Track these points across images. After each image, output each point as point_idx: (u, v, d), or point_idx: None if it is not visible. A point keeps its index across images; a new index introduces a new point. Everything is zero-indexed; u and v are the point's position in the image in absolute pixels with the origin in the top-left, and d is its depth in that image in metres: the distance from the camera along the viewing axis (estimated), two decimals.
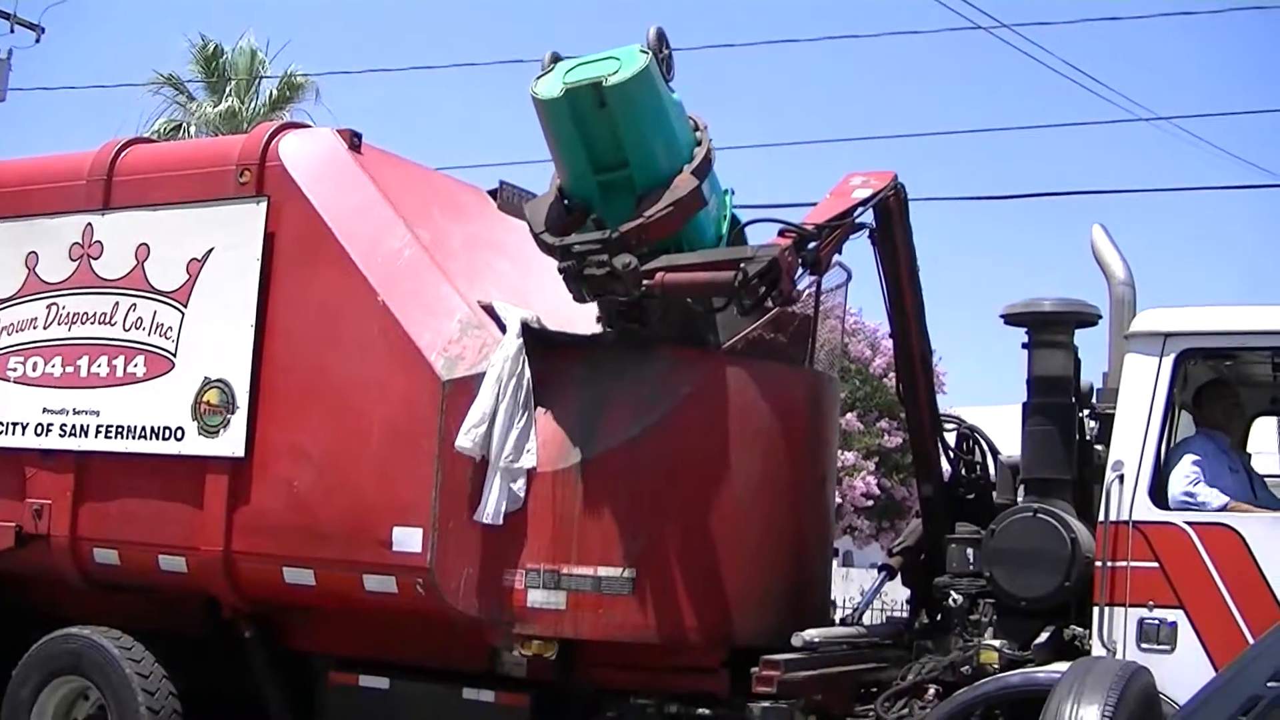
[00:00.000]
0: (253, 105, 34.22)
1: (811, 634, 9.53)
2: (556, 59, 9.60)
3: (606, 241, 9.31)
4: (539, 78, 9.53)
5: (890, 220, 9.88)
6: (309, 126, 12.12)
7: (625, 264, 9.23)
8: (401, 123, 75.57)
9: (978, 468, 10.56)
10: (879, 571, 11.05)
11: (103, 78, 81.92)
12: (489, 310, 10.21)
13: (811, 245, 9.28)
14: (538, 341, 10.02)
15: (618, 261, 9.24)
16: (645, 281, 9.26)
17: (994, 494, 10.31)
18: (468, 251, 10.89)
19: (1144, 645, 8.56)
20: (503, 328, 10.03)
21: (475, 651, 10.14)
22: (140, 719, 10.78)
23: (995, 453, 10.51)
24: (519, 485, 9.66)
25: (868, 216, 9.82)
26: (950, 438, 10.74)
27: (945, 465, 10.61)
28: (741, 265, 9.02)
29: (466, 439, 9.60)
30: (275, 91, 34.65)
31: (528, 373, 9.75)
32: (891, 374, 23.42)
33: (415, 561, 9.67)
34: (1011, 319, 9.72)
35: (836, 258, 10.01)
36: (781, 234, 9.21)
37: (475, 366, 9.83)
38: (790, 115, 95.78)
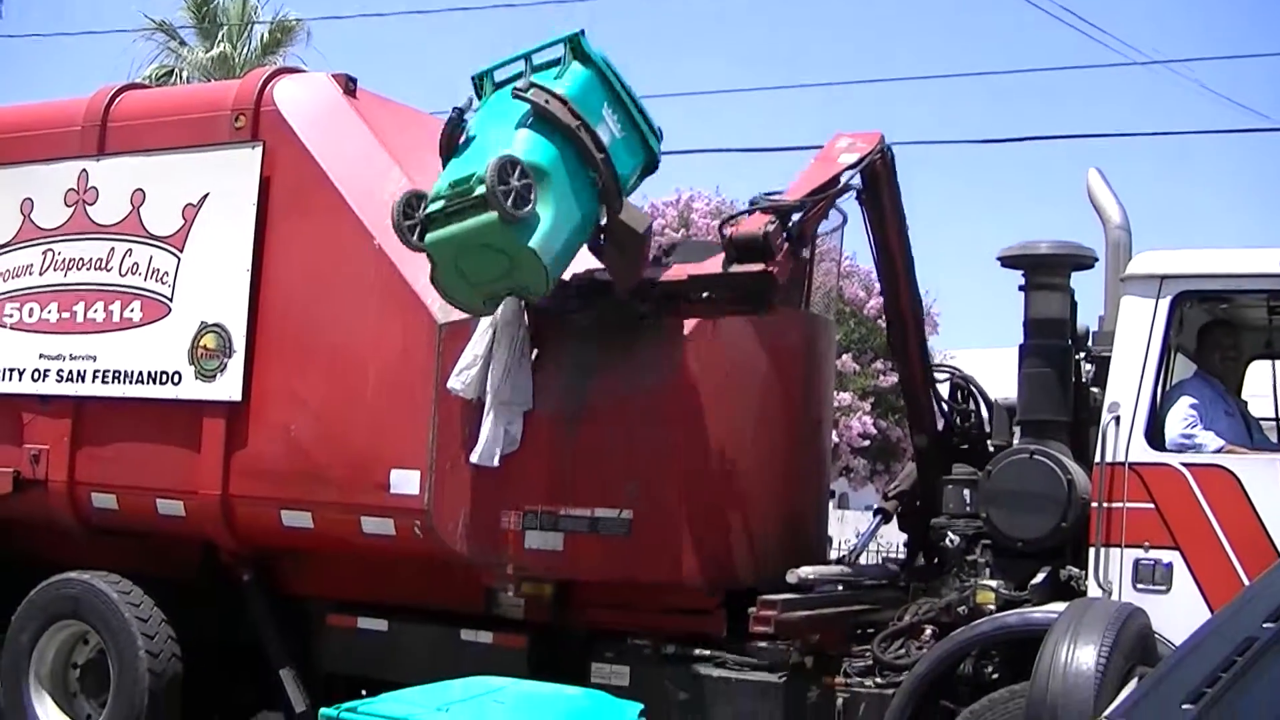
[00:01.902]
0: (245, 50, 34.11)
1: (806, 571, 9.55)
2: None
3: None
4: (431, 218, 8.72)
5: (878, 183, 9.81)
6: (303, 71, 12.10)
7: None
8: (396, 66, 75.43)
9: (972, 416, 10.55)
10: (874, 515, 11.06)
11: (94, 24, 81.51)
12: None
13: (796, 217, 9.20)
14: None
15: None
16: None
17: (988, 442, 10.31)
18: None
19: (1140, 586, 8.56)
20: None
21: (472, 593, 10.19)
22: (140, 663, 10.83)
23: (989, 401, 10.49)
24: (516, 428, 9.67)
25: (856, 179, 9.77)
26: (944, 388, 10.72)
27: (939, 415, 10.60)
28: (727, 247, 9.04)
29: (457, 380, 9.61)
30: (267, 36, 34.54)
31: (526, 316, 9.75)
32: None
33: (413, 504, 9.72)
34: (1008, 261, 9.69)
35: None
36: (763, 210, 9.15)
37: None
38: (784, 59, 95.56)
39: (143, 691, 10.82)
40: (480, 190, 8.11)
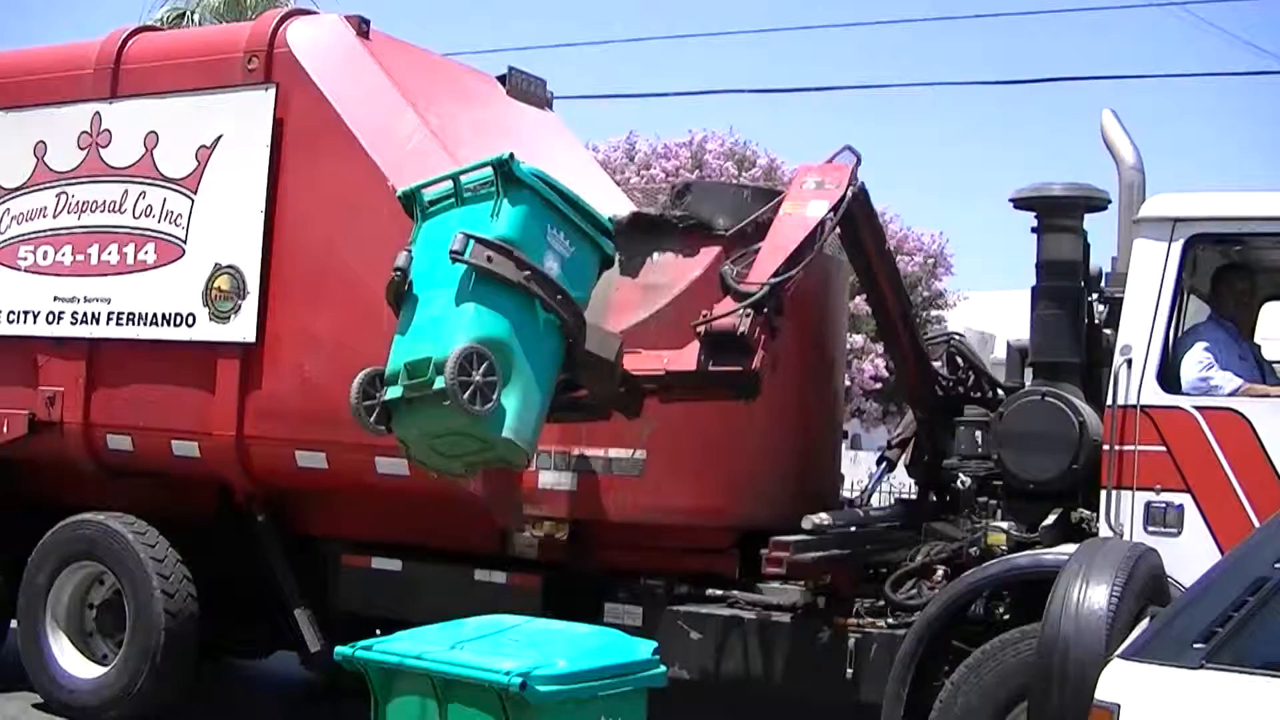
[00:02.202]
0: None
1: (820, 517, 9.58)
2: None
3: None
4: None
5: (855, 223, 9.72)
6: (316, 13, 12.10)
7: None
8: (409, 9, 75.13)
9: (968, 382, 10.47)
10: (878, 464, 11.07)
11: None
12: None
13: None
14: None
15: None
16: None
17: (997, 391, 10.30)
18: (476, 137, 10.86)
19: (1151, 528, 8.57)
20: None
21: (487, 533, 10.23)
22: (155, 602, 10.90)
23: (982, 369, 10.39)
24: None
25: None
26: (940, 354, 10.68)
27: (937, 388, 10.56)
28: (702, 340, 8.92)
29: None
30: None
31: None
32: (900, 257, 23.47)
33: None
34: (1021, 203, 9.67)
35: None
36: (735, 296, 8.96)
37: None
38: None
39: (158, 631, 10.89)
40: (440, 384, 7.60)
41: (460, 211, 8.24)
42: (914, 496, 10.83)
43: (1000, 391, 10.14)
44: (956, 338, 10.52)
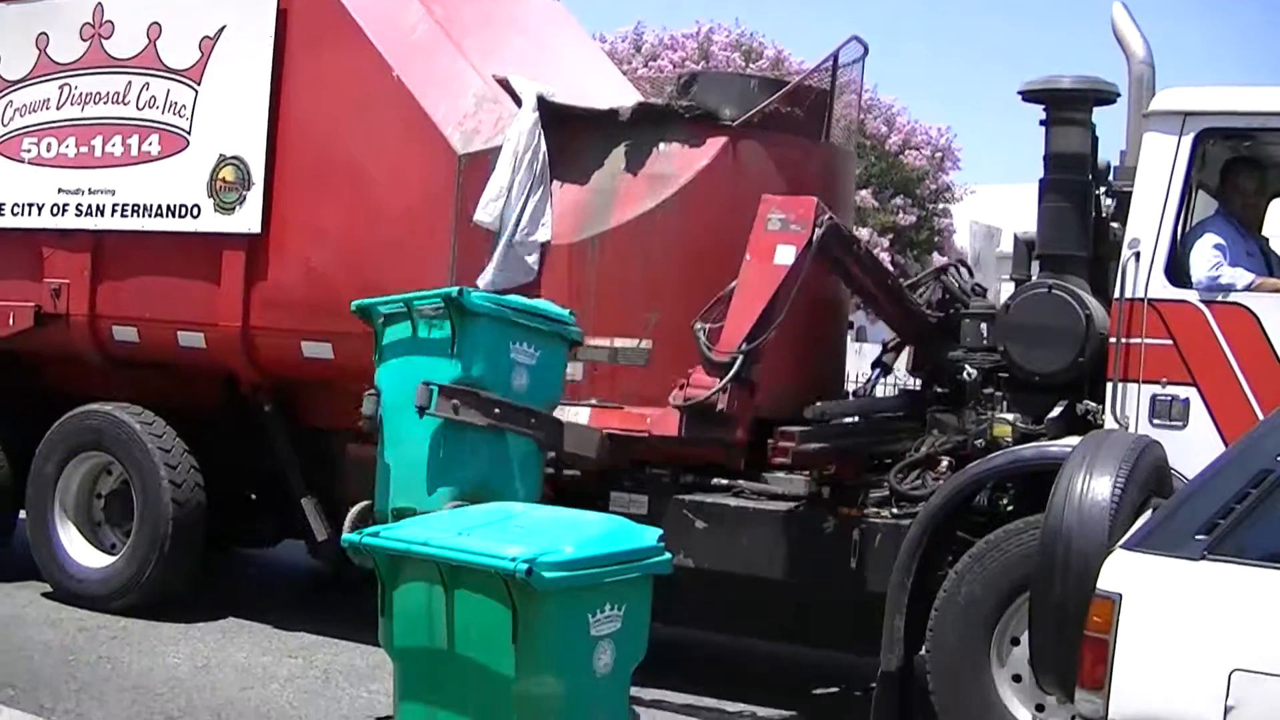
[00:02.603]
0: None
1: (823, 406, 9.60)
2: None
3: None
4: None
5: (833, 255, 9.47)
6: None
7: None
8: None
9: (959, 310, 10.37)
10: (873, 368, 11.02)
11: None
12: (504, 84, 10.20)
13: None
14: (553, 115, 10.02)
15: None
16: None
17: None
18: (482, 27, 10.82)
19: (1156, 421, 8.58)
20: (518, 102, 10.03)
21: None
22: (163, 492, 10.95)
23: (966, 304, 10.21)
24: (533, 259, 9.72)
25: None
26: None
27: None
28: (680, 409, 8.94)
29: (485, 213, 9.65)
30: None
31: (543, 146, 9.76)
32: (908, 151, 23.34)
33: None
34: (1030, 95, 9.61)
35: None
36: (708, 367, 8.93)
37: (491, 140, 9.85)
38: None
39: (166, 521, 10.95)
40: None
41: (419, 341, 8.51)
42: (917, 388, 10.80)
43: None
44: (949, 271, 10.33)
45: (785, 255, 9.02)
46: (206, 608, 11.28)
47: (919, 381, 10.79)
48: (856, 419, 10.11)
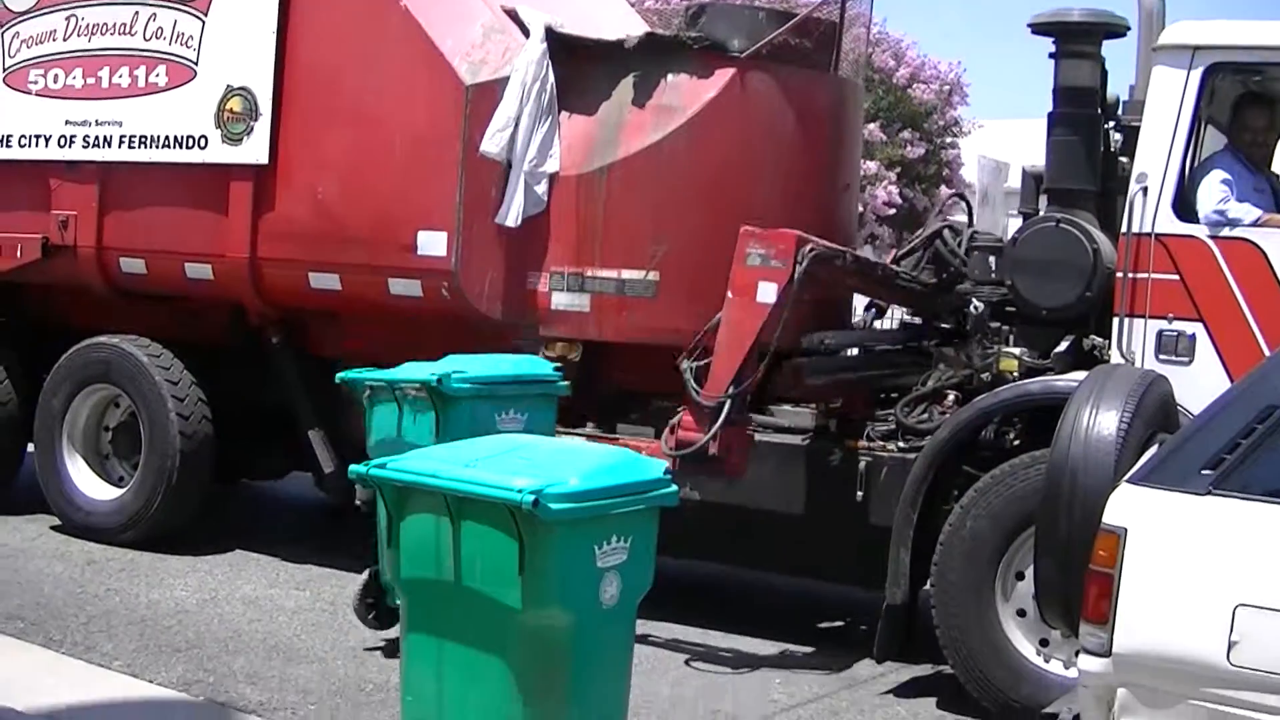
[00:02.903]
0: None
1: (826, 335, 9.58)
2: None
3: None
4: None
5: (820, 279, 9.23)
6: None
7: None
8: None
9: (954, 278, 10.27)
10: (865, 309, 10.95)
11: None
12: (512, 15, 10.18)
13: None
14: (561, 46, 10.01)
15: None
16: None
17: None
18: None
19: (1162, 356, 8.59)
20: (526, 32, 10.02)
21: None
22: (170, 425, 10.98)
23: (961, 269, 10.11)
24: (542, 189, 9.73)
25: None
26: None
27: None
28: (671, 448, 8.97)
29: (491, 144, 9.65)
30: None
31: (551, 77, 9.74)
32: (916, 85, 23.21)
33: (440, 265, 9.81)
34: (1039, 28, 9.57)
35: None
36: (695, 410, 8.95)
37: (499, 71, 9.84)
38: None
39: (174, 453, 10.98)
40: None
41: (404, 426, 8.50)
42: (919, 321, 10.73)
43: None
44: (942, 235, 10.05)
45: (767, 293, 8.87)
46: (214, 540, 11.32)
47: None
48: (860, 350, 10.08)
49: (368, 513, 8.55)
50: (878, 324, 10.88)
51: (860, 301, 11.10)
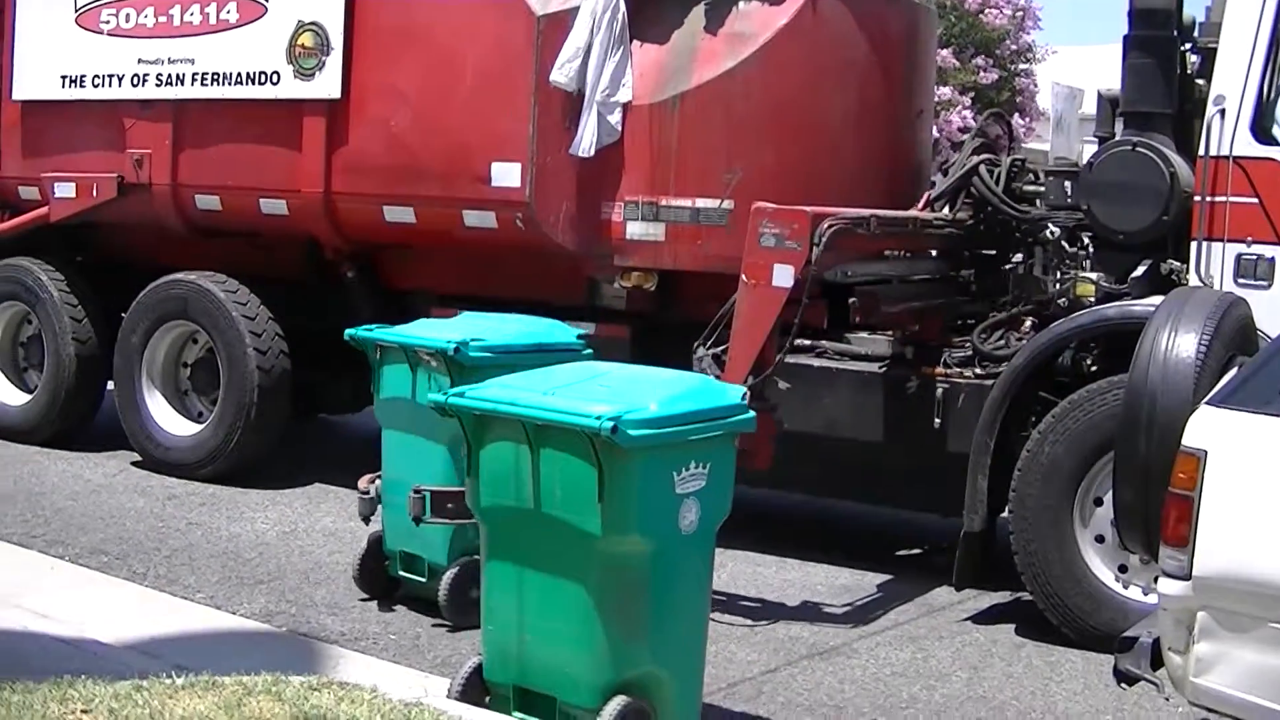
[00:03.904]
0: None
1: (846, 265, 9.30)
2: None
3: None
4: None
5: (845, 251, 8.94)
6: None
7: None
8: None
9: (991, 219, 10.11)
10: None
11: None
12: None
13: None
14: None
15: None
16: None
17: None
18: None
19: (1241, 280, 8.52)
20: None
21: (575, 285, 10.34)
22: (248, 360, 11.06)
23: (1002, 199, 9.83)
24: (615, 118, 9.71)
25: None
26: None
27: None
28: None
29: (561, 73, 9.64)
30: None
31: (622, 6, 9.71)
32: (988, 10, 23.01)
33: (514, 196, 9.82)
34: None
35: None
36: None
37: (569, 1, 9.79)
38: None
39: (251, 389, 11.07)
40: (440, 594, 8.18)
41: (418, 391, 8.33)
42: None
43: (1019, 209, 9.73)
44: (978, 171, 9.78)
45: (784, 277, 8.49)
46: (292, 474, 11.40)
47: None
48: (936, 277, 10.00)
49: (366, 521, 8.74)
50: None
51: None
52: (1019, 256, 9.76)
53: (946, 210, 9.89)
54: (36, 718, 5.60)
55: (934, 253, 10.15)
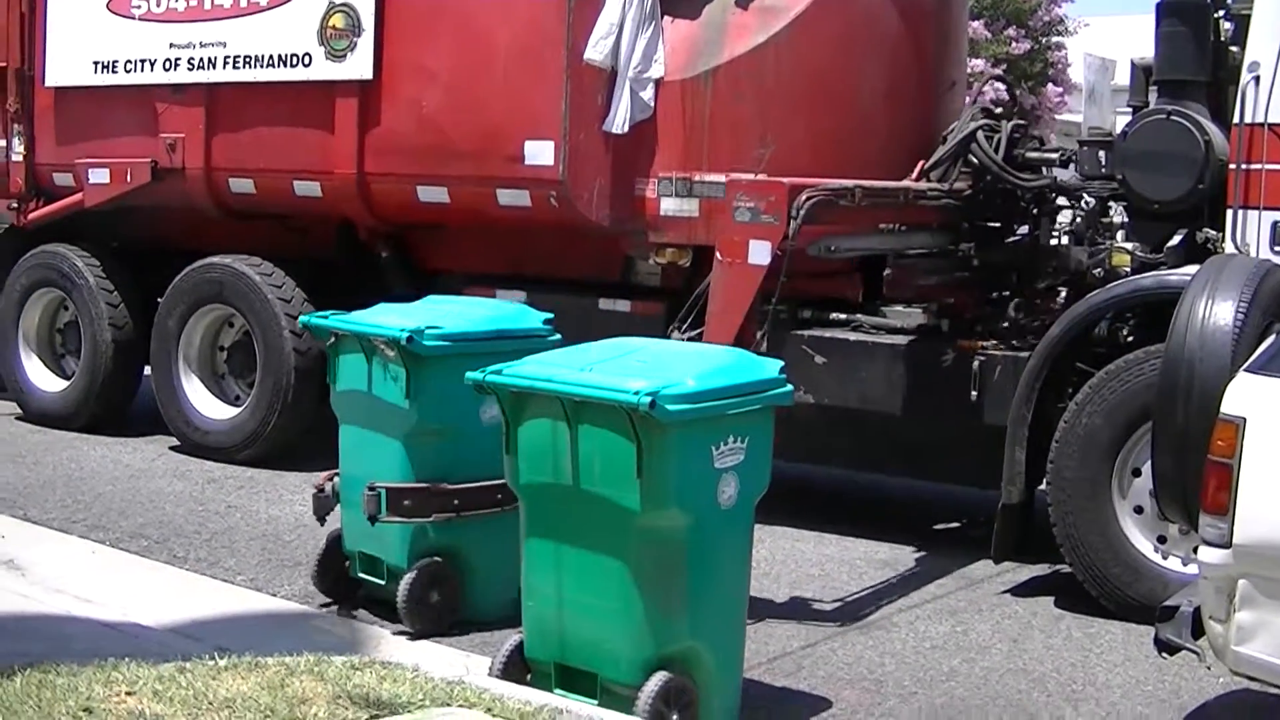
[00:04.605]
0: None
1: (831, 240, 8.97)
2: None
3: None
4: None
5: (827, 221, 8.61)
6: None
7: None
8: None
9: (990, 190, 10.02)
10: None
11: None
12: None
13: None
14: None
15: None
16: None
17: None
18: None
19: (1277, 248, 8.46)
20: None
21: (609, 263, 10.37)
22: (284, 342, 11.08)
23: (1002, 166, 9.73)
24: (648, 94, 9.71)
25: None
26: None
27: None
28: None
29: (595, 51, 9.63)
30: None
31: None
32: None
33: (547, 174, 9.81)
34: None
35: None
36: None
37: None
38: None
39: (288, 371, 11.09)
40: (399, 596, 7.65)
41: (373, 382, 7.85)
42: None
43: (1021, 177, 9.64)
44: (976, 138, 9.61)
45: (760, 253, 8.15)
46: (331, 456, 11.36)
47: None
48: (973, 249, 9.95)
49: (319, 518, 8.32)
50: None
51: None
52: (1024, 228, 9.77)
53: (946, 180, 9.74)
54: (82, 700, 5.63)
55: (935, 225, 9.88)
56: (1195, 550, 6.16)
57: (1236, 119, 8.61)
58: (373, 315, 8.11)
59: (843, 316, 9.67)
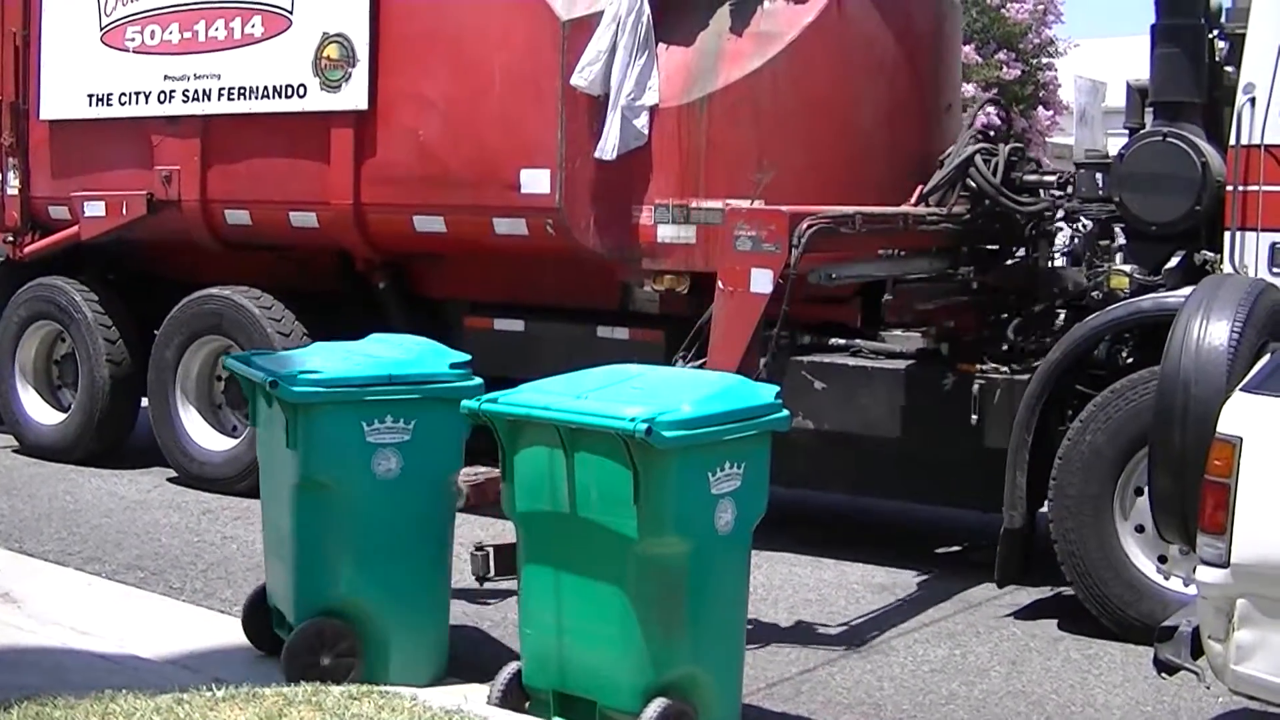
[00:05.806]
0: None
1: (830, 268, 8.97)
2: None
3: None
4: None
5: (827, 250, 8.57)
6: None
7: None
8: None
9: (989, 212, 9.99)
10: None
11: None
12: None
13: None
14: None
15: None
16: None
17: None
18: None
19: (1276, 270, 8.47)
20: None
21: (607, 290, 10.36)
22: None
23: (999, 189, 9.73)
24: (641, 122, 9.70)
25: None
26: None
27: None
28: None
29: (581, 77, 9.65)
30: None
31: (647, 9, 9.70)
32: (1009, 4, 22.99)
33: (544, 202, 9.80)
34: None
35: None
36: None
37: (594, 4, 9.83)
38: None
39: None
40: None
41: (271, 432, 7.23)
42: None
43: (1019, 200, 9.61)
44: (974, 162, 9.60)
45: (762, 282, 8.08)
46: None
47: None
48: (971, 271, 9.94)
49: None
50: None
51: None
52: (1021, 251, 9.76)
53: (945, 204, 9.74)
54: None
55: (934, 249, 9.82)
56: (1195, 570, 6.15)
57: (1233, 140, 8.60)
58: (268, 360, 7.53)
59: (842, 342, 9.67)
